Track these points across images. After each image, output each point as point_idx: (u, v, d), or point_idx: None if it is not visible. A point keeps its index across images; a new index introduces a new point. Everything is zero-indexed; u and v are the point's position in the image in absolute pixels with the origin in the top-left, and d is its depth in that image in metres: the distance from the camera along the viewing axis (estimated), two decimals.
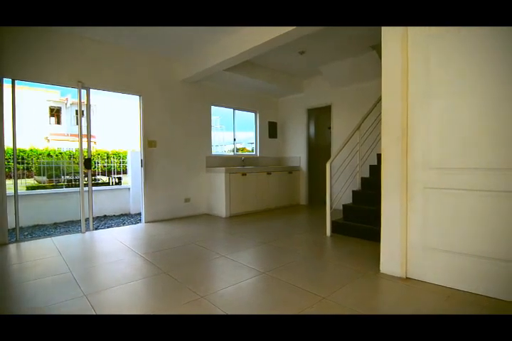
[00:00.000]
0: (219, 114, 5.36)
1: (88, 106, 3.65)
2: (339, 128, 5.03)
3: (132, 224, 4.28)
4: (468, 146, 1.83)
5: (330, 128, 5.26)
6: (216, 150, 5.34)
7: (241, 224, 3.96)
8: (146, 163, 4.08)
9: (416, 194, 2.04)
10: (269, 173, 5.09)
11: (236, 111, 5.44)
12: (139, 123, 4.08)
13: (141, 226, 3.97)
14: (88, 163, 3.61)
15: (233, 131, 5.43)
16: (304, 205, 5.61)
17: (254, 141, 5.80)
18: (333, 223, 3.35)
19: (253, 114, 5.75)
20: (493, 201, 1.76)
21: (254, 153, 5.80)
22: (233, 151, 5.48)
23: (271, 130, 5.94)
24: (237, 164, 5.30)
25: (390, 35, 2.11)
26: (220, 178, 4.48)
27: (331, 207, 3.31)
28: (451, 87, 1.89)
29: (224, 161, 5.11)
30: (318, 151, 5.69)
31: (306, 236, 3.34)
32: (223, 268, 2.36)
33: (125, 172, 8.24)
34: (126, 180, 6.93)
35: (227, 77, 4.59)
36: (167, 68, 4.28)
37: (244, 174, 4.67)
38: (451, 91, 1.89)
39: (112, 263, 2.45)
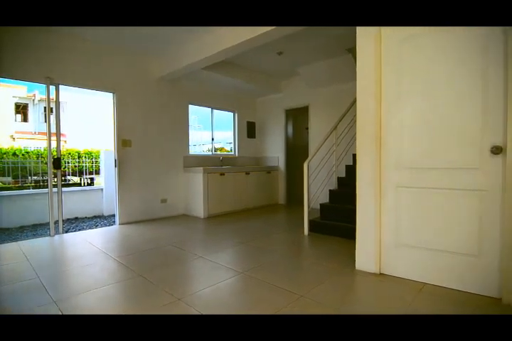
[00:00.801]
0: (197, 113, 5.28)
1: (57, 102, 3.48)
2: (316, 129, 5.12)
3: (106, 226, 4.13)
4: (436, 147, 1.92)
5: (307, 128, 5.34)
6: (194, 149, 5.27)
7: (219, 225, 3.93)
8: (121, 163, 3.95)
9: (389, 193, 2.12)
10: (247, 173, 5.09)
11: (214, 110, 5.39)
12: (112, 122, 3.94)
13: (115, 228, 3.83)
14: (57, 162, 3.43)
15: (211, 131, 5.38)
16: (283, 205, 5.65)
17: (232, 141, 5.78)
18: (311, 222, 3.40)
19: (231, 113, 5.72)
20: (458, 199, 1.85)
21: (232, 152, 5.78)
22: (211, 151, 5.42)
23: (249, 130, 5.94)
24: (215, 164, 5.25)
25: (364, 40, 2.18)
26: (197, 178, 4.42)
27: (308, 206, 3.35)
28: (420, 90, 1.97)
29: (202, 161, 5.05)
30: (296, 151, 5.76)
31: (284, 235, 3.37)
32: (201, 269, 2.33)
33: (98, 172, 7.93)
34: (99, 180, 6.67)
35: (205, 75, 4.54)
36: (143, 65, 4.16)
37: (222, 174, 4.63)
38: (420, 94, 1.97)
39: (83, 268, 2.34)
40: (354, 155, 3.90)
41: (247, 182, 5.08)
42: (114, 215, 4.53)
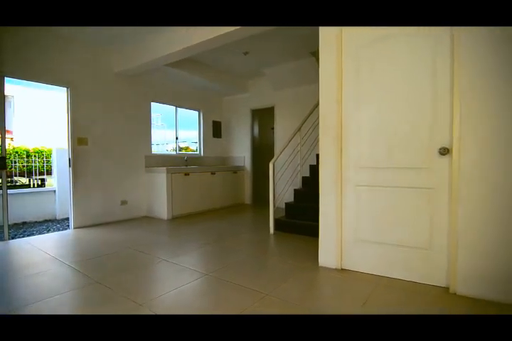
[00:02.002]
0: (160, 111, 5.10)
1: (2, 96, 3.16)
2: (282, 129, 5.21)
3: (59, 230, 3.83)
4: (392, 148, 2.05)
5: (273, 128, 5.41)
6: (157, 149, 5.09)
7: (184, 226, 3.83)
8: (76, 163, 3.69)
9: (349, 191, 2.21)
10: (213, 173, 5.03)
11: (179, 108, 5.25)
12: (66, 119, 3.66)
13: (69, 232, 3.57)
14: (2, 162, 3.12)
15: (175, 130, 5.23)
16: (249, 204, 5.67)
17: (197, 140, 5.67)
18: (276, 221, 3.45)
19: (197, 112, 5.61)
20: (411, 196, 1.99)
21: (197, 152, 5.67)
22: (176, 150, 5.27)
23: (215, 129, 5.87)
24: (179, 164, 5.12)
25: (326, 45, 2.25)
26: (160, 179, 4.27)
27: (274, 206, 3.40)
28: (377, 94, 2.08)
29: (165, 161, 4.89)
30: (262, 151, 5.82)
31: (250, 235, 3.37)
32: (164, 272, 2.25)
33: (50, 173, 7.34)
34: (52, 181, 6.18)
35: (169, 72, 4.41)
36: (102, 59, 3.93)
37: (187, 174, 4.53)
38: (377, 99, 2.08)
39: (32, 276, 2.15)
40: (318, 156, 4.02)
41: (212, 183, 5.02)
42: (68, 219, 4.22)
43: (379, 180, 2.10)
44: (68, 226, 3.91)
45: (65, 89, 3.62)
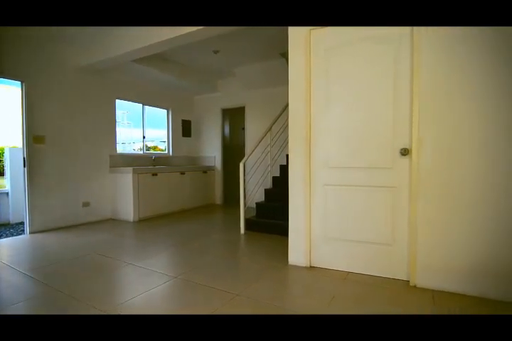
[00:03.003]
0: (126, 109, 4.89)
1: None
2: (253, 129, 5.22)
3: (12, 235, 3.53)
4: (358, 148, 2.13)
5: (244, 128, 5.41)
6: (123, 148, 4.87)
7: (152, 228, 3.71)
8: (32, 163, 3.43)
9: (318, 191, 2.27)
10: (182, 173, 4.92)
11: (146, 106, 5.06)
12: (21, 115, 3.39)
13: (24, 237, 3.31)
14: None
15: (142, 128, 5.04)
16: (219, 205, 5.62)
17: (166, 140, 5.52)
18: (247, 221, 3.45)
19: (165, 110, 5.46)
20: (376, 195, 2.08)
21: (166, 152, 5.52)
22: (143, 150, 5.09)
23: (185, 128, 5.75)
24: (147, 164, 4.94)
25: (296, 46, 2.29)
26: (126, 179, 4.09)
27: (245, 205, 3.40)
28: (344, 96, 2.16)
29: (132, 160, 4.70)
30: (233, 151, 5.79)
31: (220, 235, 3.34)
32: (131, 277, 2.16)
33: (2, 173, 6.76)
34: (4, 182, 5.68)
35: (136, 69, 4.23)
36: (62, 52, 3.67)
37: (155, 174, 4.39)
38: (344, 101, 2.16)
39: None
40: (287, 156, 4.09)
41: (182, 183, 4.91)
42: (23, 223, 3.91)
43: (346, 179, 2.17)
44: (23, 230, 3.62)
45: (19, 83, 3.35)
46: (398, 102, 1.98)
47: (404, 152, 1.96)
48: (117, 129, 4.47)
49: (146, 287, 1.95)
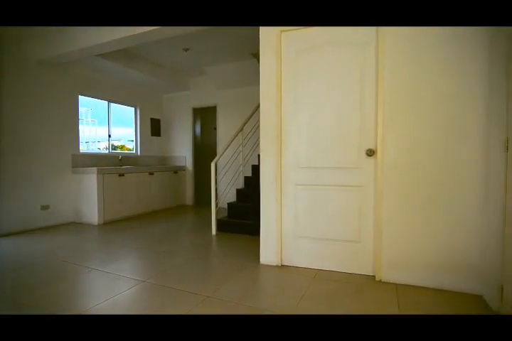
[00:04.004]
0: (90, 106, 4.64)
1: None
2: (224, 129, 5.18)
3: None
4: (327, 149, 2.19)
5: (215, 128, 5.35)
6: (87, 147, 4.62)
7: (118, 231, 3.55)
8: None
9: (289, 190, 2.30)
10: (151, 173, 4.76)
11: (112, 104, 4.84)
12: None
13: None
14: None
15: (108, 127, 4.82)
16: (190, 205, 5.52)
17: (134, 139, 5.31)
18: (219, 221, 3.41)
19: (133, 108, 5.26)
20: (344, 194, 2.15)
21: (134, 151, 5.31)
22: (108, 149, 4.86)
23: (154, 127, 5.58)
24: (113, 164, 4.73)
25: (267, 47, 2.30)
26: (90, 180, 3.88)
27: (216, 206, 3.36)
28: (314, 97, 2.21)
29: (97, 160, 4.47)
30: (205, 151, 5.71)
31: (191, 237, 3.28)
32: (95, 282, 2.05)
33: None
34: None
35: (100, 64, 4.03)
36: (19, 43, 3.40)
37: (121, 175, 4.20)
38: (313, 102, 2.21)
39: None
40: (259, 156, 4.11)
41: (151, 183, 4.75)
42: None
43: (316, 179, 2.22)
44: None
45: None
46: (364, 104, 2.06)
47: (370, 152, 2.05)
48: (80, 127, 4.23)
49: (111, 292, 1.86)
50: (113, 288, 1.92)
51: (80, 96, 4.22)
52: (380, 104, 1.99)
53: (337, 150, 2.16)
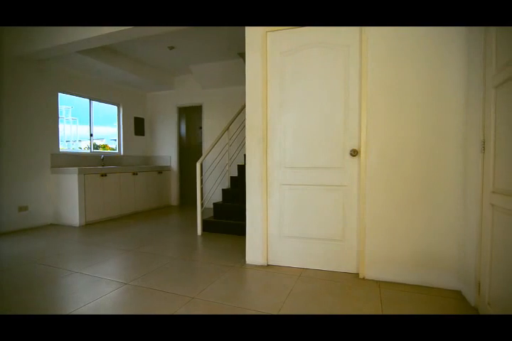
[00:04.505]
0: (71, 104, 4.50)
1: None
2: (210, 129, 5.15)
3: None
4: (312, 149, 2.21)
5: (201, 128, 5.31)
6: (67, 146, 4.47)
7: (100, 233, 3.46)
8: None
9: (274, 190, 2.31)
10: (135, 173, 4.67)
11: (94, 102, 4.72)
12: None
13: None
14: None
15: (90, 125, 4.69)
16: (176, 206, 5.45)
17: (117, 138, 5.19)
18: (204, 222, 3.39)
19: (115, 107, 5.14)
20: (329, 193, 2.18)
21: (117, 151, 5.19)
22: (90, 148, 4.73)
23: (137, 126, 5.47)
24: (95, 163, 4.61)
25: (252, 47, 2.30)
26: (71, 180, 3.76)
27: (202, 206, 3.33)
28: (299, 98, 2.22)
29: (78, 160, 4.34)
30: (190, 151, 5.65)
31: (176, 237, 3.24)
32: (75, 286, 1.99)
33: None
34: None
35: (82, 61, 3.92)
36: None
37: (104, 175, 4.10)
38: (299, 102, 2.22)
39: None
40: (245, 156, 4.11)
41: (134, 184, 4.66)
42: None
43: (301, 179, 2.24)
44: None
45: None
46: (348, 105, 2.10)
47: (354, 153, 2.08)
48: (60, 126, 4.10)
49: (93, 296, 1.81)
50: (94, 292, 1.87)
51: (60, 93, 4.08)
52: (363, 104, 2.03)
53: (322, 151, 2.18)
